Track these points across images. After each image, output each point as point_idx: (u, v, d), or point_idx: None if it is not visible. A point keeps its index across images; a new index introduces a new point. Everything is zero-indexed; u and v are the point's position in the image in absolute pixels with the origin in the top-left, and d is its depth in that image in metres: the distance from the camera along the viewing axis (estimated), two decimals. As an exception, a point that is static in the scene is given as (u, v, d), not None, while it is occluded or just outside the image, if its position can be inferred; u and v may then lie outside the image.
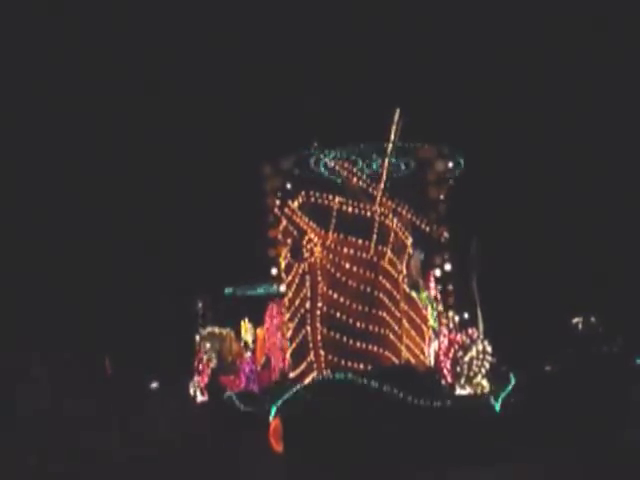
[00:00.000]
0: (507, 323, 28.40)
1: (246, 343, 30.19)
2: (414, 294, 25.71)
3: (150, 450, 22.21)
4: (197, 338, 31.30)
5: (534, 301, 33.26)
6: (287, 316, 24.65)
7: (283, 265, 25.23)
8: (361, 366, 22.26)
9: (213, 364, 30.43)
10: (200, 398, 30.60)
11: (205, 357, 30.47)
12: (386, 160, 26.00)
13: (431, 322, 26.11)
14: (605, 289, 34.37)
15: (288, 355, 24.66)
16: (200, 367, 30.70)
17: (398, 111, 25.84)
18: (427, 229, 26.76)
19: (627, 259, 35.05)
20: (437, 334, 25.50)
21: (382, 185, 25.65)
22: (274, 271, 27.29)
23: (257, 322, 29.91)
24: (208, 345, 30.61)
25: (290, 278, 24.42)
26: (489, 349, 24.28)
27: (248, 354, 29.53)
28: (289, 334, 24.38)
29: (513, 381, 25.71)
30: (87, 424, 24.15)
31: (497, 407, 24.13)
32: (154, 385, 33.66)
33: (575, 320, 36.16)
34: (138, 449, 22.55)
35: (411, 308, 25.02)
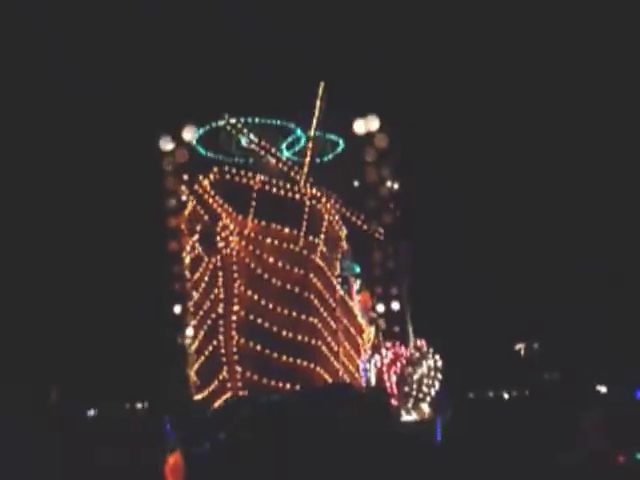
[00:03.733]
0: (444, 344, 24.58)
1: None
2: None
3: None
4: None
5: (475, 324, 30.20)
6: (193, 323, 19.77)
7: (188, 260, 20.32)
8: (287, 385, 17.86)
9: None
10: None
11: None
12: (310, 140, 21.89)
13: (368, 333, 21.85)
14: (547, 315, 31.97)
15: (193, 372, 19.75)
16: None
17: (322, 85, 21.88)
18: (360, 224, 22.59)
19: (570, 283, 32.73)
20: (376, 347, 21.27)
21: (306, 169, 21.39)
22: (175, 269, 22.21)
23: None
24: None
25: (198, 275, 19.50)
26: (439, 364, 20.16)
27: None
28: (195, 346, 19.49)
29: (451, 408, 22.11)
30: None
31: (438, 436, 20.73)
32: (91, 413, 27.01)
33: (517, 346, 34.07)
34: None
35: (345, 315, 20.62)
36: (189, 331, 20.64)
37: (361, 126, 22.98)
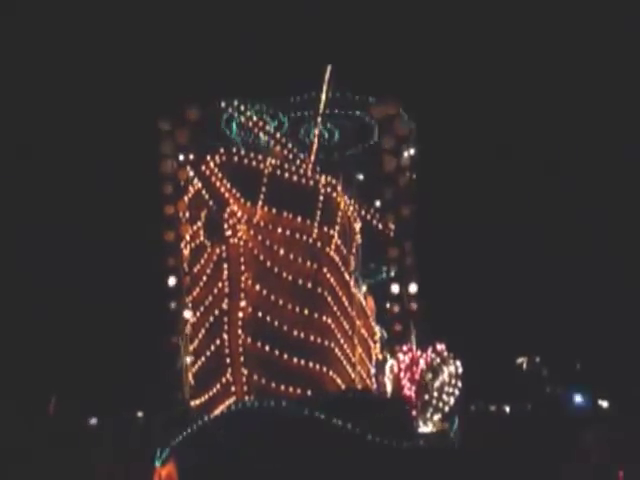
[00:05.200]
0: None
1: None
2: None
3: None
4: None
5: (477, 338, 29.13)
6: (193, 320, 17.95)
7: (187, 251, 18.53)
8: (298, 390, 16.18)
9: None
10: None
11: None
12: (318, 125, 20.42)
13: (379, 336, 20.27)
14: (549, 328, 31.19)
15: (190, 375, 17.94)
16: None
17: (329, 68, 20.33)
18: (370, 218, 21.05)
19: (571, 297, 31.94)
20: (390, 351, 19.71)
21: (313, 157, 19.77)
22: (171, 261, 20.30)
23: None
24: None
25: (199, 267, 17.71)
26: (460, 371, 18.56)
27: None
28: (194, 345, 17.68)
29: (456, 422, 20.63)
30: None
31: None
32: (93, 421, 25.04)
33: (519, 360, 33.12)
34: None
35: (358, 315, 18.97)
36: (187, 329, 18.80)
37: (377, 110, 21.28)
